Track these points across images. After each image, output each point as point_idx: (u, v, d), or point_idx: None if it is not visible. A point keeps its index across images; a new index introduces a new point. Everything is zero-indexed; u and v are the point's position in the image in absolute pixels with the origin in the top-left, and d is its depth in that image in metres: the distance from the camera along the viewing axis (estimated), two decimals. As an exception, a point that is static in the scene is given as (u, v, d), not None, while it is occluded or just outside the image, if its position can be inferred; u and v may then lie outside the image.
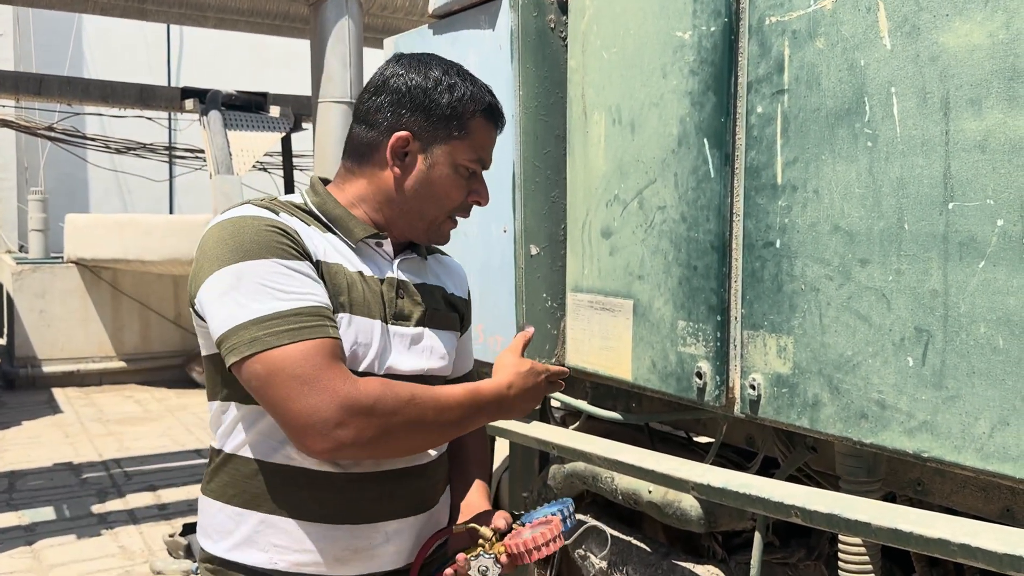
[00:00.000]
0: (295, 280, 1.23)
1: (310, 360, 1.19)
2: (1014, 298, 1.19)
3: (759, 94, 1.54)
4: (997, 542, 1.17)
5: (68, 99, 6.81)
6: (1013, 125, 1.18)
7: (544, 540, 1.34)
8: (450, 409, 1.31)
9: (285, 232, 1.27)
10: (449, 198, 1.41)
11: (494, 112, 1.43)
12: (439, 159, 1.39)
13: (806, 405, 1.48)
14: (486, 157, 1.44)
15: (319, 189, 1.44)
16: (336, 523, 1.34)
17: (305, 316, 1.21)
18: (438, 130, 1.38)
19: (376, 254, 1.43)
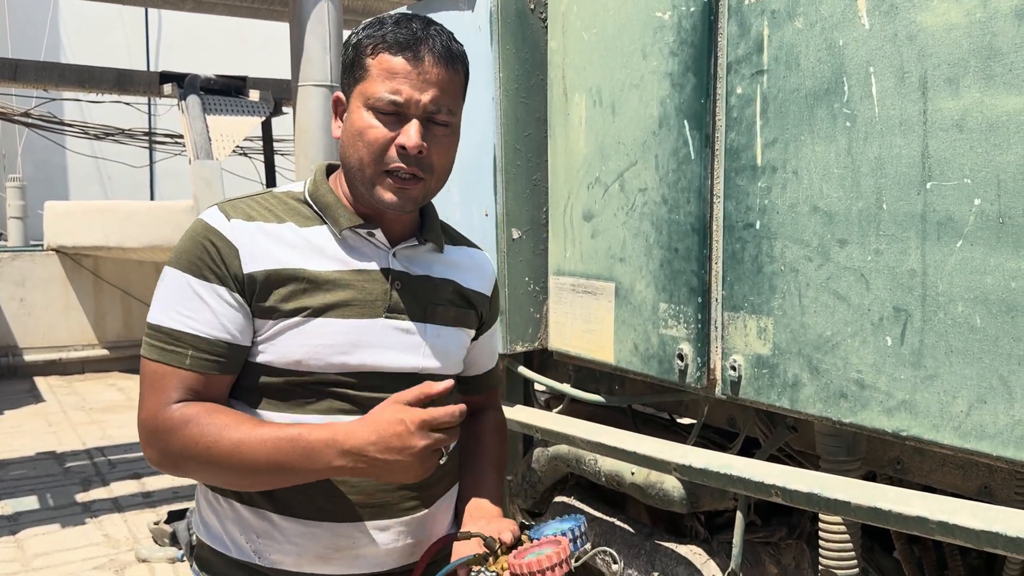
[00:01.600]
0: (189, 301, 1.27)
1: (155, 381, 1.26)
2: (991, 277, 1.19)
3: (739, 75, 1.54)
4: (975, 519, 1.19)
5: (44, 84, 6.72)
6: (990, 104, 1.18)
7: (550, 564, 1.25)
8: (253, 460, 1.22)
9: (214, 246, 1.27)
10: (361, 140, 1.28)
11: (395, 40, 1.28)
12: (352, 106, 1.31)
13: (786, 386, 1.49)
14: (399, 90, 1.26)
15: (318, 176, 1.40)
16: (318, 520, 1.31)
17: (175, 340, 1.26)
18: (348, 79, 1.32)
19: (368, 244, 1.36)
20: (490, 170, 2.08)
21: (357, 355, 1.32)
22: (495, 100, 2.05)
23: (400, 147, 1.27)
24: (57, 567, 4.27)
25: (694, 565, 1.87)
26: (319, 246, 1.33)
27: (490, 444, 1.56)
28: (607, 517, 2.12)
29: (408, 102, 1.27)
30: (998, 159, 1.18)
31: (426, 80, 1.28)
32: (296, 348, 1.28)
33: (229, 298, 1.27)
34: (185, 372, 1.26)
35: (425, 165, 1.30)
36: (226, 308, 1.27)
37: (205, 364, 1.26)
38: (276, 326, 1.28)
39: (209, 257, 1.27)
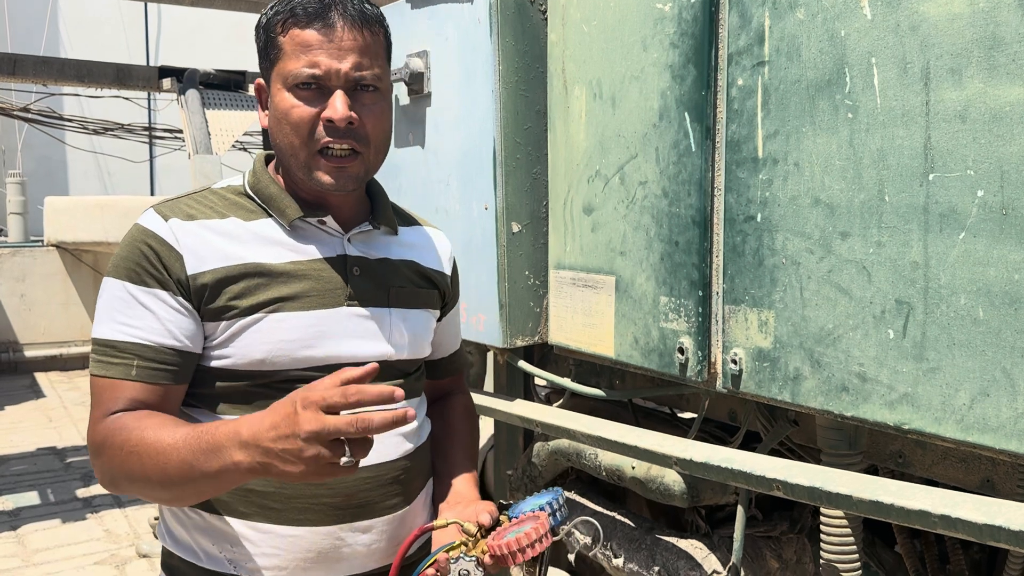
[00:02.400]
0: (130, 309, 1.20)
1: (102, 396, 1.19)
2: (994, 269, 1.19)
3: (739, 66, 1.53)
4: (977, 512, 1.18)
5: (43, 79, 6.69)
6: (993, 95, 1.17)
7: (529, 541, 1.22)
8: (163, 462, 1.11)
9: (151, 250, 1.20)
10: (289, 123, 1.21)
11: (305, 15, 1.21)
12: (273, 91, 1.24)
13: (787, 379, 1.48)
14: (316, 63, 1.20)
15: (257, 167, 1.34)
16: (297, 525, 1.25)
17: (119, 352, 1.19)
18: (265, 63, 1.26)
19: (321, 232, 1.31)
20: (490, 163, 2.07)
21: (322, 348, 1.25)
22: (494, 93, 2.04)
23: (327, 121, 1.21)
24: (58, 562, 4.28)
25: (695, 559, 1.86)
26: (268, 238, 1.27)
27: (460, 429, 1.51)
28: (608, 511, 2.12)
29: (328, 73, 1.20)
30: (1001, 150, 1.17)
31: (342, 47, 1.21)
32: (257, 347, 1.22)
33: (173, 303, 1.20)
34: (132, 384, 1.18)
35: (360, 136, 1.24)
36: (171, 313, 1.20)
37: (154, 374, 1.19)
38: (232, 326, 1.22)
39: (148, 262, 1.21)
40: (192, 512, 1.28)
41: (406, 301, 1.37)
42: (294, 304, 1.25)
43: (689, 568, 1.86)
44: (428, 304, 1.43)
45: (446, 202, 2.24)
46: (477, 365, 2.53)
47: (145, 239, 1.22)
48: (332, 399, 1.02)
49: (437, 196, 2.27)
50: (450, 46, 2.16)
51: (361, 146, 1.25)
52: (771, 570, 1.90)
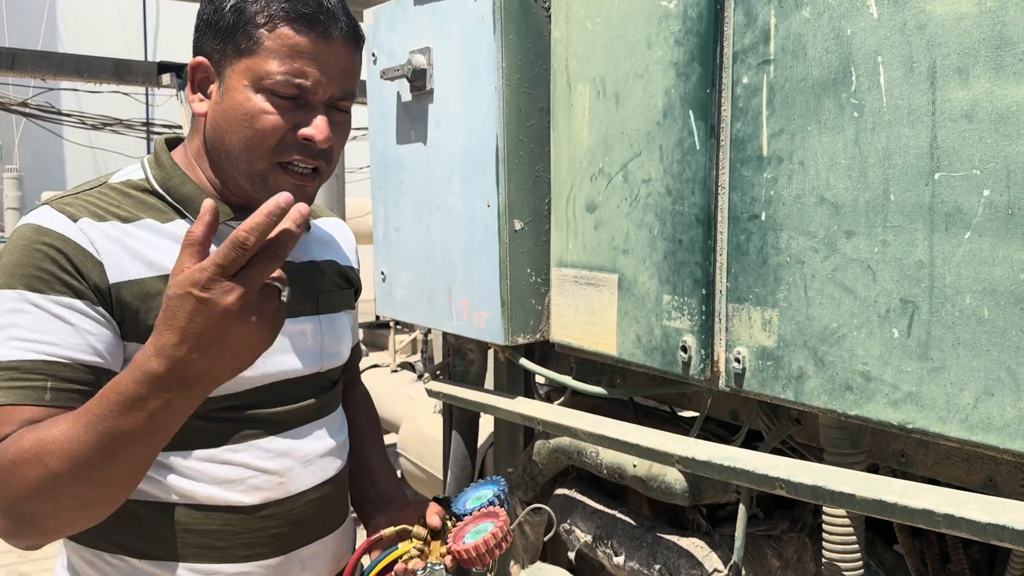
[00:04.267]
0: (36, 323, 1.01)
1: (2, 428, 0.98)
2: (999, 268, 1.19)
3: (745, 64, 1.52)
4: (981, 512, 1.18)
5: (42, 74, 6.68)
6: (1000, 94, 1.17)
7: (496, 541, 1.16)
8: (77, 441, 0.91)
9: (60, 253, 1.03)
10: (253, 131, 1.08)
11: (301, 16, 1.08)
12: (231, 83, 1.09)
13: (791, 378, 1.48)
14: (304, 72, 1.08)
15: (164, 160, 1.17)
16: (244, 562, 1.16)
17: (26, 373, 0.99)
18: (227, 46, 1.09)
19: None
20: (492, 161, 2.07)
21: (259, 367, 1.14)
22: (497, 90, 2.04)
23: (305, 139, 1.11)
24: (54, 558, 4.27)
25: (696, 558, 1.86)
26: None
27: (365, 423, 1.44)
28: (608, 510, 2.12)
29: (315, 88, 1.10)
30: (1008, 149, 1.17)
31: (335, 64, 1.12)
32: None
33: (91, 312, 1.03)
34: (43, 410, 0.99)
35: (326, 155, 1.15)
36: (90, 324, 1.03)
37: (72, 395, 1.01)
38: None
39: (57, 267, 1.03)
40: (114, 558, 1.13)
41: (332, 305, 1.29)
42: None
43: (690, 566, 1.86)
44: (348, 305, 1.35)
45: (448, 199, 2.23)
46: (478, 363, 2.53)
47: (51, 242, 1.03)
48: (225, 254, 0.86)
49: (439, 193, 2.26)
50: (453, 43, 2.15)
51: (324, 164, 1.16)
52: (772, 569, 1.90)
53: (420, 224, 2.34)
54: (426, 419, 4.37)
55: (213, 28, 1.11)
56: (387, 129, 2.38)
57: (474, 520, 1.20)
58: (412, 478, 4.50)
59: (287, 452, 1.20)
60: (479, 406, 2.21)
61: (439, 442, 3.08)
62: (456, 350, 2.54)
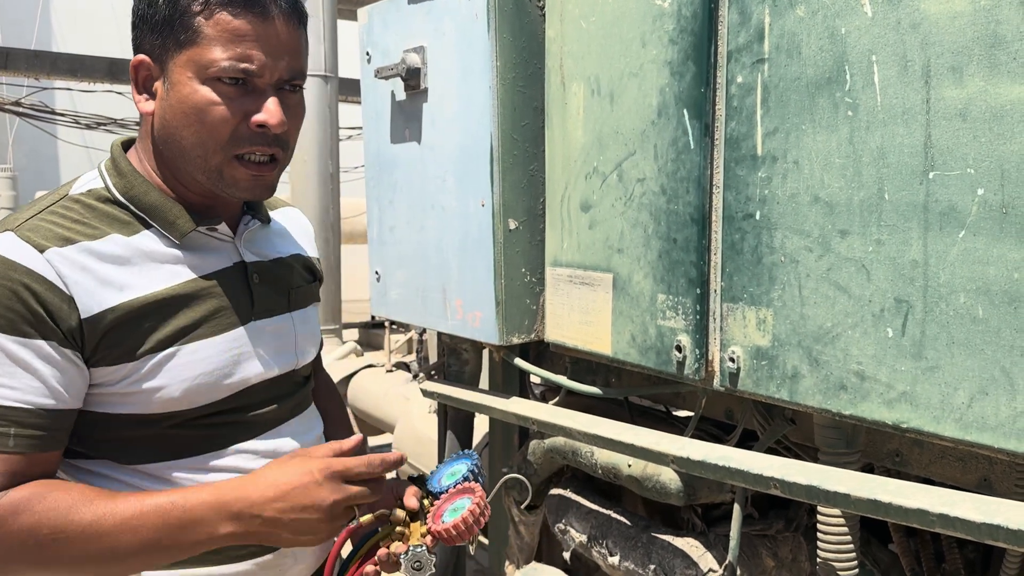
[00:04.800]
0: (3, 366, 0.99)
1: None
2: (994, 268, 1.18)
3: (739, 63, 1.52)
4: (975, 511, 1.18)
5: (35, 73, 6.67)
6: (994, 93, 1.17)
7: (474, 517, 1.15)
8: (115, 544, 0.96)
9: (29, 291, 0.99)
10: (204, 124, 1.05)
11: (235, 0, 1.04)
12: (175, 76, 1.06)
13: (785, 377, 1.48)
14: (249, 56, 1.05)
15: (123, 166, 1.14)
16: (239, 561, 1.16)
17: None
18: (166, 40, 1.06)
19: (211, 240, 1.16)
20: (486, 160, 2.06)
21: (238, 372, 1.14)
22: (492, 89, 2.03)
23: (259, 125, 1.08)
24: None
25: (691, 558, 1.86)
26: (157, 257, 1.11)
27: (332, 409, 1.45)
28: (603, 509, 2.11)
29: (262, 70, 1.07)
30: (1002, 148, 1.17)
31: (280, 44, 1.08)
32: (173, 385, 1.07)
33: (55, 355, 1.01)
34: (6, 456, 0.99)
35: (282, 142, 1.12)
36: (50, 368, 1.01)
37: (36, 443, 1.00)
38: (142, 368, 1.06)
39: (24, 307, 0.99)
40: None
41: (302, 301, 1.29)
42: (204, 330, 1.12)
43: (685, 566, 1.85)
44: (315, 298, 1.35)
45: (442, 198, 2.23)
46: (473, 363, 2.52)
47: (19, 277, 1.00)
48: (357, 469, 0.98)
49: (433, 192, 2.26)
50: (447, 42, 2.15)
51: (281, 151, 1.13)
52: (767, 568, 1.90)
53: (414, 223, 2.33)
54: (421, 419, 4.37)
55: (149, 23, 1.08)
56: (381, 128, 2.38)
57: (450, 497, 1.19)
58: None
59: (272, 452, 1.19)
60: (474, 406, 2.21)
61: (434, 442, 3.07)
62: (451, 350, 2.54)
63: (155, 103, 1.09)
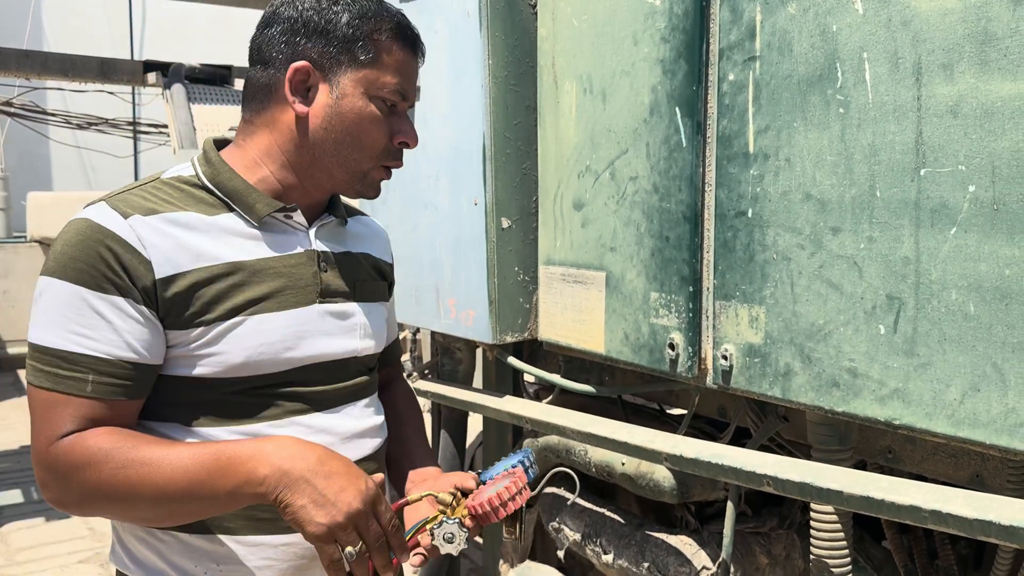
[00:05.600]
0: (83, 319, 1.10)
1: (46, 412, 1.10)
2: (985, 264, 1.19)
3: (731, 61, 1.52)
4: (967, 507, 1.18)
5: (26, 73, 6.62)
6: (985, 90, 1.17)
7: (510, 495, 1.20)
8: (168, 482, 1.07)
9: (111, 252, 1.10)
10: (368, 136, 1.22)
11: (406, 33, 1.23)
12: (347, 89, 1.20)
13: (778, 375, 1.48)
14: (407, 87, 1.24)
15: (212, 157, 1.25)
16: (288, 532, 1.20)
17: (70, 364, 1.09)
18: (341, 55, 1.19)
19: (286, 227, 1.26)
20: (479, 158, 2.06)
21: (300, 348, 1.22)
22: (484, 87, 2.03)
23: (402, 143, 1.27)
24: (41, 561, 4.24)
25: (684, 555, 1.86)
26: (235, 234, 1.21)
27: (410, 415, 1.51)
28: (597, 508, 2.11)
29: (408, 99, 1.26)
30: (992, 145, 1.17)
31: (416, 77, 1.28)
32: (237, 352, 1.16)
33: (134, 312, 1.11)
34: (85, 400, 1.09)
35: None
36: (130, 323, 1.11)
37: (110, 390, 1.10)
38: (210, 332, 1.15)
39: (107, 265, 1.10)
40: (164, 534, 1.20)
41: (369, 295, 1.36)
42: (271, 304, 1.20)
43: (679, 564, 1.85)
44: (383, 297, 1.43)
45: (435, 197, 2.22)
46: (466, 362, 2.52)
47: (103, 239, 1.11)
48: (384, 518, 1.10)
49: (426, 191, 2.25)
50: (439, 40, 2.14)
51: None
52: (760, 566, 1.90)
53: (407, 222, 2.33)
54: (415, 418, 4.36)
55: (323, 35, 1.20)
56: (373, 127, 2.37)
57: (494, 482, 1.27)
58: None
59: (327, 429, 1.26)
60: (468, 405, 2.20)
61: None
62: (444, 349, 2.54)
63: (313, 106, 1.22)
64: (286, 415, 1.21)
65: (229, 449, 1.08)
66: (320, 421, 1.25)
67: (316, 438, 1.22)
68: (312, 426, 1.24)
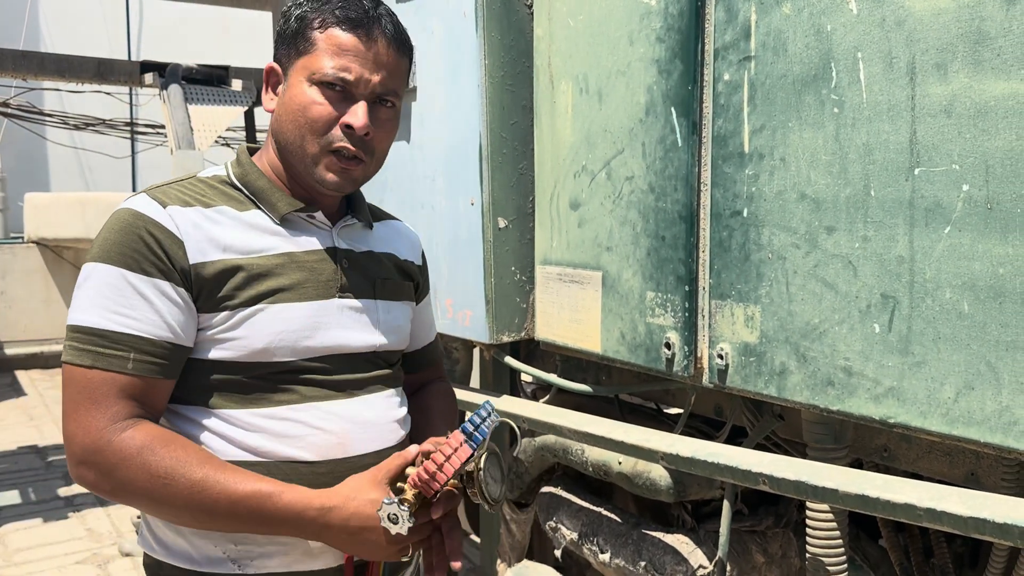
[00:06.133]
0: (126, 300, 1.17)
1: (90, 389, 1.15)
2: (979, 263, 1.19)
3: (726, 61, 1.53)
4: (962, 506, 1.18)
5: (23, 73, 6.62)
6: (978, 89, 1.18)
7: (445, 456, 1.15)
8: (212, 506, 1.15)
9: (152, 237, 1.19)
10: (304, 116, 1.24)
11: (347, 16, 1.25)
12: (292, 79, 1.26)
13: (773, 374, 1.48)
14: (348, 67, 1.23)
15: (243, 159, 1.35)
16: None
17: (112, 342, 1.16)
18: (289, 50, 1.27)
19: (310, 225, 1.33)
20: (475, 158, 2.06)
21: (318, 338, 1.28)
22: (480, 87, 2.03)
23: (346, 126, 1.24)
24: (39, 561, 4.23)
25: (681, 554, 1.86)
26: (262, 229, 1.28)
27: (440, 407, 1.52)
28: (594, 507, 2.12)
29: (358, 81, 1.24)
30: (986, 144, 1.17)
31: (377, 62, 1.25)
32: (258, 337, 1.22)
33: (173, 294, 1.19)
34: (125, 378, 1.15)
35: (368, 147, 1.28)
36: (169, 306, 1.18)
37: (149, 368, 1.17)
38: (233, 317, 1.22)
39: (148, 249, 1.18)
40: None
41: (390, 293, 1.41)
42: (292, 295, 1.26)
43: (675, 563, 1.86)
44: (406, 296, 1.46)
45: (432, 198, 2.23)
46: (463, 361, 2.52)
47: (145, 225, 1.19)
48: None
49: (423, 192, 2.26)
50: (436, 40, 2.15)
51: (367, 155, 1.29)
52: (757, 564, 1.91)
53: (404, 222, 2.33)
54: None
55: (282, 36, 1.29)
56: (370, 127, 2.37)
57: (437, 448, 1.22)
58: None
59: (344, 416, 1.31)
60: (465, 405, 2.20)
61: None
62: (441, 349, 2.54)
63: (276, 103, 1.30)
64: (305, 400, 1.27)
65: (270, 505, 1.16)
66: (338, 408, 1.30)
67: (334, 423, 1.28)
68: (330, 412, 1.29)
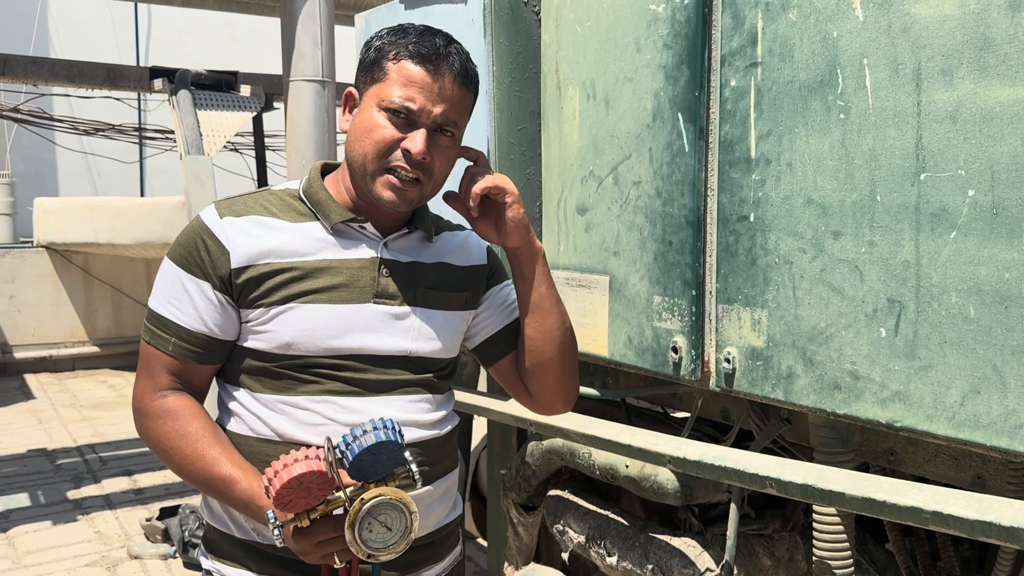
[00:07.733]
0: (177, 293, 1.38)
1: (146, 359, 1.39)
2: (985, 268, 1.20)
3: (733, 67, 1.54)
4: (969, 509, 1.19)
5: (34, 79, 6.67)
6: (984, 95, 1.19)
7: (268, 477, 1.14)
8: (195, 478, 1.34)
9: (204, 244, 1.37)
10: (369, 137, 1.34)
11: (419, 55, 1.35)
12: (364, 104, 1.38)
13: (780, 377, 1.49)
14: (413, 98, 1.33)
15: (312, 175, 1.48)
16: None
17: (162, 326, 1.38)
18: (366, 77, 1.39)
19: (360, 235, 1.43)
20: (484, 164, 2.08)
21: (346, 339, 1.38)
22: (488, 94, 2.05)
23: (405, 150, 1.34)
24: (49, 564, 4.26)
25: (688, 557, 1.87)
26: (311, 237, 1.40)
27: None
28: (601, 510, 2.12)
29: (421, 111, 1.33)
30: (991, 150, 1.18)
31: (441, 95, 1.35)
32: (286, 332, 1.35)
33: (212, 295, 1.36)
34: (166, 357, 1.37)
35: (426, 170, 1.38)
36: (206, 304, 1.36)
37: (184, 353, 1.37)
38: (267, 313, 1.36)
39: (198, 254, 1.37)
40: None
41: (434, 302, 1.46)
42: (324, 296, 1.37)
43: (682, 566, 1.87)
44: (456, 307, 1.50)
45: (439, 201, 2.24)
46: (471, 365, 2.53)
47: (201, 233, 1.38)
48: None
49: (431, 196, 2.27)
50: (444, 47, 2.16)
51: (425, 177, 1.38)
52: (764, 568, 1.91)
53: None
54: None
55: (362, 64, 1.41)
56: (379, 133, 2.39)
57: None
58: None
59: (360, 412, 1.39)
60: (472, 408, 2.22)
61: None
62: (449, 353, 2.55)
63: (349, 123, 1.40)
64: (323, 393, 1.37)
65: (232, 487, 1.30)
66: (355, 404, 1.38)
67: (347, 417, 1.37)
68: (345, 407, 1.38)
